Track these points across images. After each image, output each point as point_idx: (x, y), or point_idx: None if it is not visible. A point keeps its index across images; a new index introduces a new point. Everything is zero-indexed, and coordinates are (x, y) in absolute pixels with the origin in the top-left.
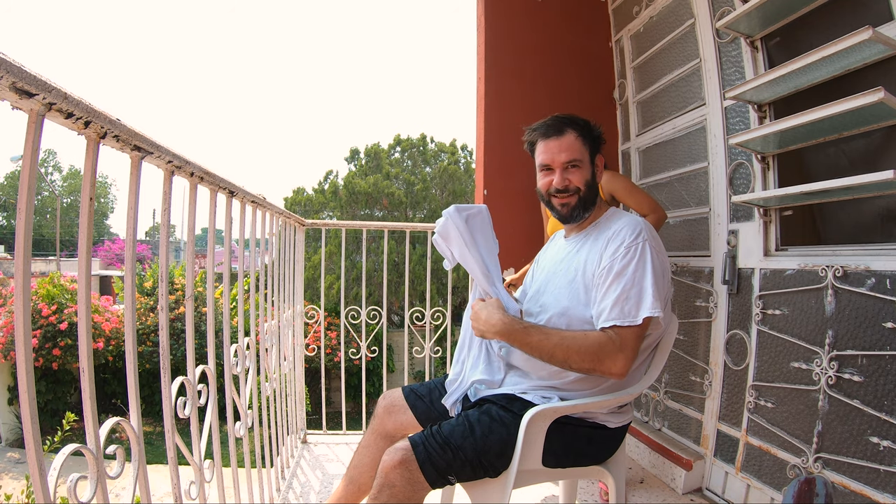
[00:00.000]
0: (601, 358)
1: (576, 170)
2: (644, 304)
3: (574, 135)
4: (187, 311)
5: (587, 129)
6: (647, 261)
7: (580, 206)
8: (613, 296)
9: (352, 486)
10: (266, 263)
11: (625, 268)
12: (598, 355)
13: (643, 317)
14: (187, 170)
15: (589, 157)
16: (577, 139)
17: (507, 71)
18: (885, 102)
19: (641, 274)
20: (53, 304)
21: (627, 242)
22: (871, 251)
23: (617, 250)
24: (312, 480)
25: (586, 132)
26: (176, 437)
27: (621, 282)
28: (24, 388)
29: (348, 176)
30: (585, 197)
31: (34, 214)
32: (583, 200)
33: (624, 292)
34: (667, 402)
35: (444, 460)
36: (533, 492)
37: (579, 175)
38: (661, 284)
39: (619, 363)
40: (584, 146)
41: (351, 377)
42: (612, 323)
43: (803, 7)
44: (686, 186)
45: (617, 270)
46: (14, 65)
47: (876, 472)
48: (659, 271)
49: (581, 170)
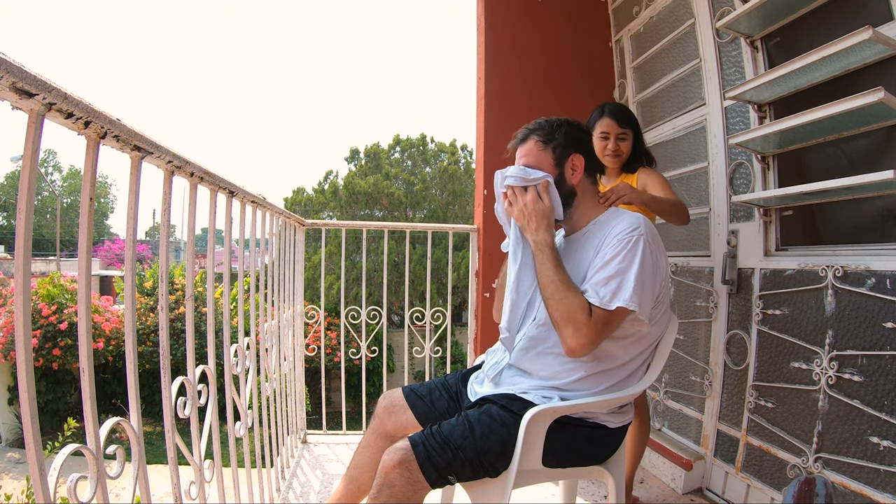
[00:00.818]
0: (568, 321)
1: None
2: (621, 293)
3: (534, 140)
4: (187, 311)
5: (550, 133)
6: (637, 253)
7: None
8: (596, 278)
9: (352, 486)
10: (266, 263)
11: (614, 256)
12: (568, 317)
13: (616, 305)
14: (187, 170)
15: (553, 160)
16: (535, 145)
17: (507, 71)
18: (885, 102)
19: (628, 264)
20: (53, 304)
21: (622, 234)
22: (871, 251)
23: (612, 238)
24: (312, 480)
25: (549, 136)
26: (176, 437)
27: (606, 267)
28: (24, 388)
29: (348, 176)
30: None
31: (34, 214)
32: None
33: (606, 276)
34: (667, 402)
35: (443, 460)
36: (533, 492)
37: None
38: (649, 281)
39: (578, 338)
40: (546, 150)
41: (351, 377)
42: (589, 300)
43: (803, 7)
44: (686, 186)
45: (606, 258)
46: (14, 65)
47: (876, 472)
48: (649, 268)
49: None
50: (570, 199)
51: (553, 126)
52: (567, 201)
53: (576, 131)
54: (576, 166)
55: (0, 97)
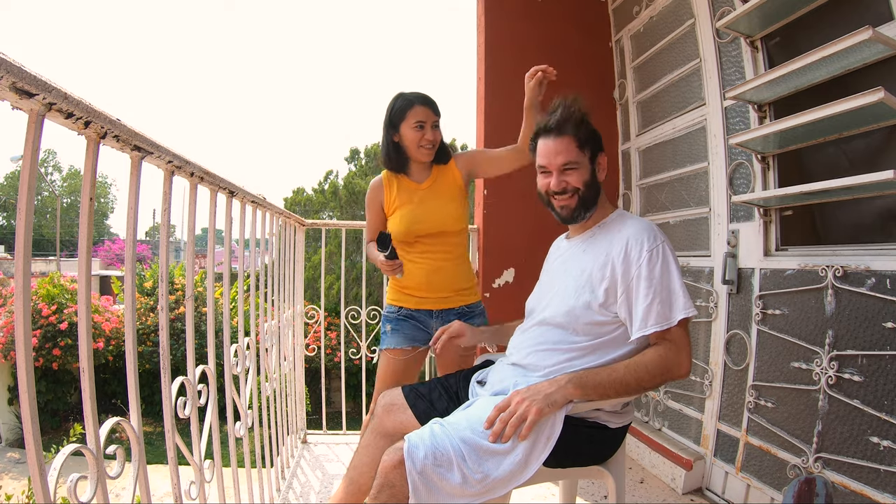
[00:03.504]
0: (668, 368)
1: (573, 171)
2: (676, 305)
3: (571, 136)
4: (187, 311)
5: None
6: (669, 263)
7: (581, 207)
8: (646, 302)
9: (352, 486)
10: (266, 263)
11: (651, 272)
12: (665, 366)
13: (678, 318)
14: (187, 170)
15: (588, 157)
16: (572, 141)
17: (506, 71)
18: (885, 102)
19: (668, 278)
20: (53, 304)
21: (648, 246)
22: (871, 251)
23: (640, 256)
24: (312, 480)
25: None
26: (176, 437)
27: (651, 287)
28: (24, 388)
29: (348, 176)
30: (585, 197)
31: (34, 214)
32: (583, 200)
33: (656, 296)
34: (667, 402)
35: None
36: (533, 492)
37: (577, 176)
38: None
39: (684, 364)
40: (584, 148)
41: (351, 377)
42: (653, 329)
43: (803, 7)
44: (686, 186)
45: (645, 276)
46: (14, 65)
47: (876, 472)
48: (679, 271)
49: (579, 171)
50: (598, 197)
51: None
52: (596, 200)
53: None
54: (602, 166)
55: (0, 97)
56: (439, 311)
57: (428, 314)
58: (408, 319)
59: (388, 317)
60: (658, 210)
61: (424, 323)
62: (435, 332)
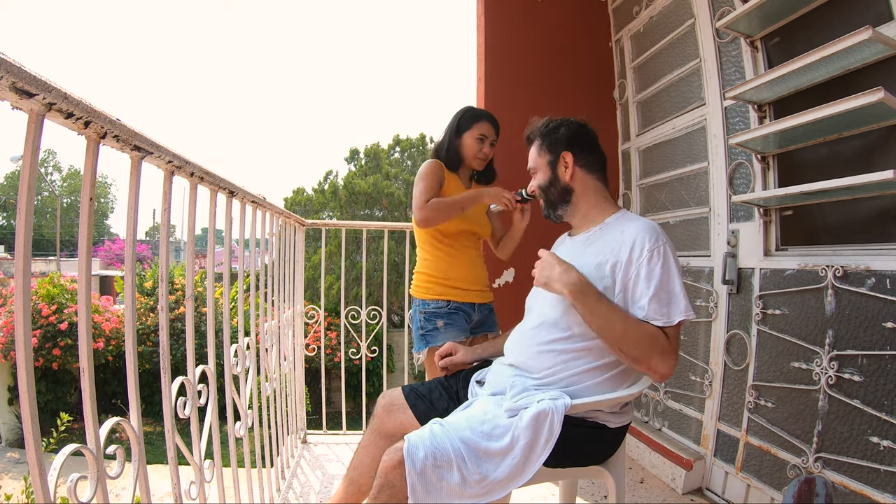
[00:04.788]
0: (652, 352)
1: (534, 176)
2: (677, 306)
3: (536, 143)
4: (187, 311)
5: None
6: (670, 264)
7: (547, 207)
8: (645, 300)
9: (352, 486)
10: (266, 263)
11: (651, 272)
12: (652, 347)
13: (678, 319)
14: (187, 170)
15: (548, 161)
16: (535, 147)
17: (506, 71)
18: (885, 102)
19: (668, 278)
20: (53, 304)
21: (649, 246)
22: (871, 251)
23: (641, 256)
24: (312, 480)
25: (546, 136)
26: (176, 437)
27: (650, 286)
28: (24, 388)
29: (348, 176)
30: (548, 198)
31: (34, 214)
32: (548, 202)
33: (655, 296)
34: (667, 402)
35: None
36: (533, 492)
37: (535, 180)
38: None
39: (669, 363)
40: (542, 151)
41: (351, 377)
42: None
43: (803, 7)
44: (686, 186)
45: (645, 276)
46: (14, 65)
47: (876, 472)
48: (679, 273)
49: (536, 176)
50: (567, 196)
51: (553, 127)
52: (564, 198)
53: (576, 129)
54: (567, 163)
55: (0, 97)
56: (479, 305)
57: (471, 307)
58: (458, 312)
59: (436, 312)
60: (658, 210)
61: (469, 316)
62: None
